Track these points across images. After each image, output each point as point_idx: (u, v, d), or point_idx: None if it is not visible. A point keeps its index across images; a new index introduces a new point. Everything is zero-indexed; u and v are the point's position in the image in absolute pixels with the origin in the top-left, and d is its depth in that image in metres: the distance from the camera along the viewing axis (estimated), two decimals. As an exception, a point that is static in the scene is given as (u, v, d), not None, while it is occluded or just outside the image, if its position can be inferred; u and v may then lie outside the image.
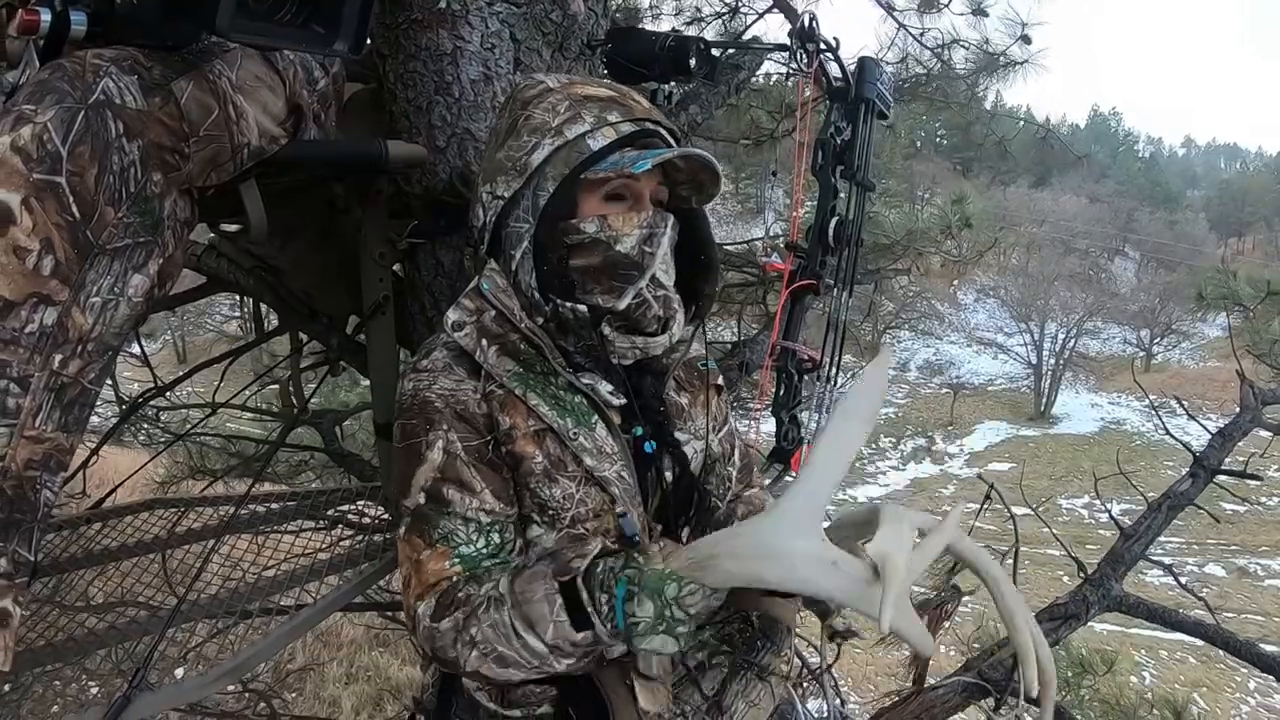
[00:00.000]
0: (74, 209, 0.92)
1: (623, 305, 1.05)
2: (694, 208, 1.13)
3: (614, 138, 1.03)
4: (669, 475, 1.14)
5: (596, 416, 1.08)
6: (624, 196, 1.05)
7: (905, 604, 0.79)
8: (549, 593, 0.93)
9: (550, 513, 1.05)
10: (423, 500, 1.01)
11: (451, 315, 1.07)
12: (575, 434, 1.06)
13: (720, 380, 1.28)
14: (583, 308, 1.04)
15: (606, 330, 1.06)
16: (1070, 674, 2.93)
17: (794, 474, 1.45)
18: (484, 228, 1.08)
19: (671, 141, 1.09)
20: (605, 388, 1.07)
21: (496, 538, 1.02)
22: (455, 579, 1.00)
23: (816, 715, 1.43)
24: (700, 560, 0.89)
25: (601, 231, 1.02)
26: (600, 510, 1.07)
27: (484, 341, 1.05)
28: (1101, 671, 2.94)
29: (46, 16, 0.94)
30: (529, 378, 1.06)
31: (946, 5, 3.69)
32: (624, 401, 1.09)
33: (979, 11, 3.75)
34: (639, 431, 1.12)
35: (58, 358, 0.95)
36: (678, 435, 1.17)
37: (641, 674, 1.03)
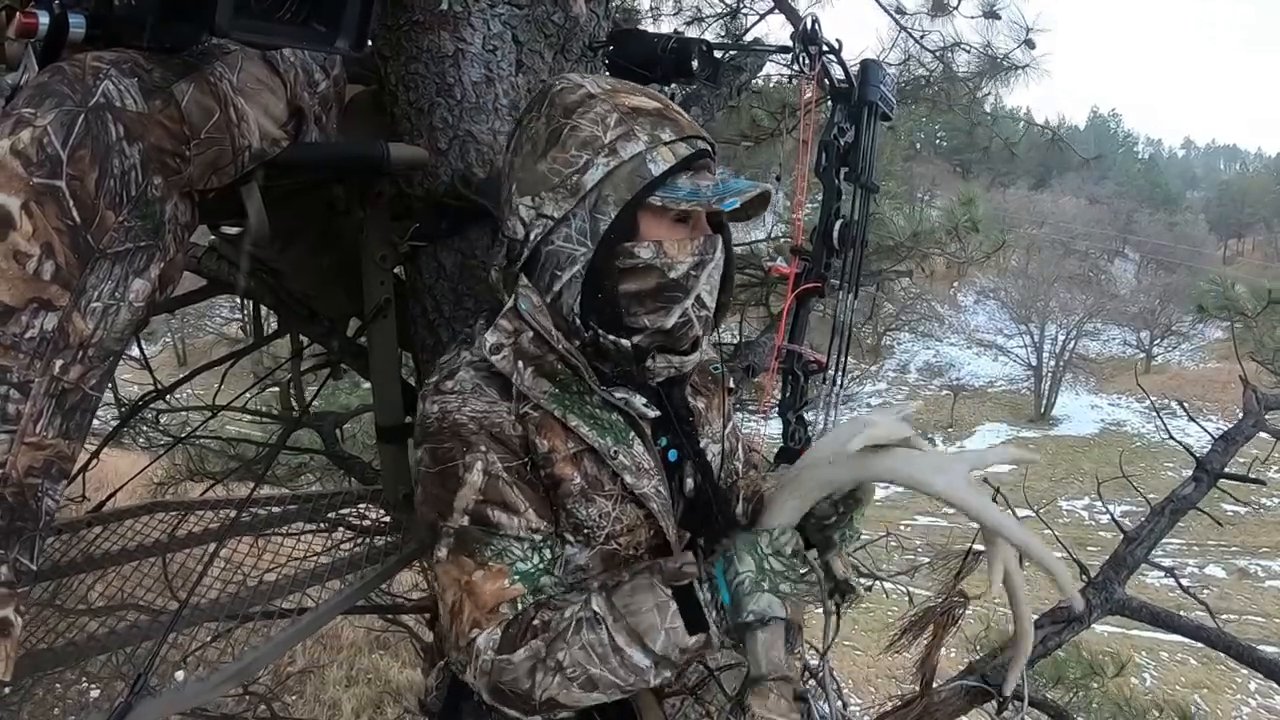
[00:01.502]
0: (74, 213, 0.91)
1: (670, 324, 1.04)
2: (721, 221, 1.12)
3: (673, 161, 1.00)
4: (690, 482, 1.14)
5: (634, 433, 1.07)
6: (687, 220, 1.04)
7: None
8: (660, 601, 0.92)
9: (586, 531, 1.04)
10: (466, 522, 0.99)
11: (490, 338, 1.03)
12: (615, 452, 1.04)
13: (731, 383, 1.28)
14: (626, 343, 1.02)
15: (649, 363, 1.05)
16: (1078, 675, 2.92)
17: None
18: (524, 243, 1.03)
19: (712, 154, 1.08)
20: (640, 401, 1.06)
21: (548, 554, 1.01)
22: (517, 600, 0.97)
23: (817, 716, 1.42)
24: (766, 510, 0.95)
25: (657, 258, 1.01)
26: (634, 525, 1.07)
27: (520, 363, 1.03)
28: (1111, 673, 2.93)
29: (45, 19, 0.93)
30: (565, 398, 1.04)
31: (955, 8, 3.68)
32: (658, 414, 1.09)
33: (991, 14, 3.73)
34: (664, 441, 1.12)
35: (58, 363, 0.94)
36: (702, 443, 1.17)
37: (757, 679, 0.97)
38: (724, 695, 1.11)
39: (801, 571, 0.93)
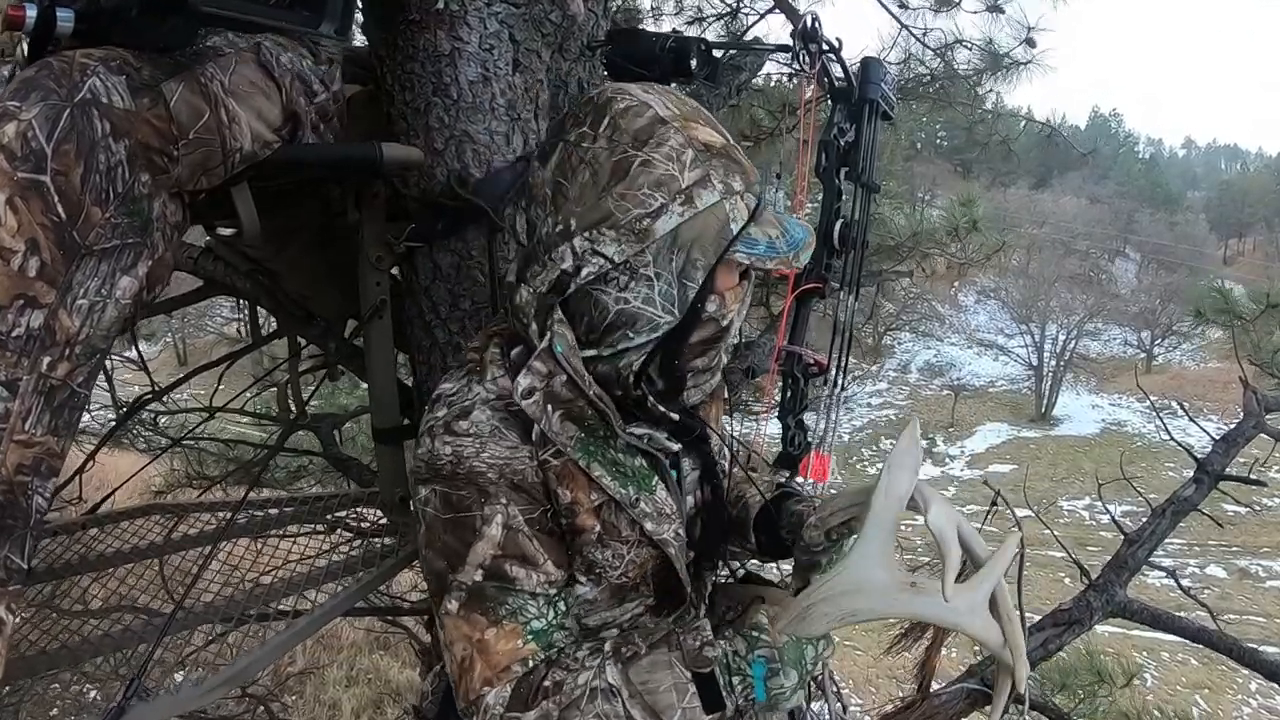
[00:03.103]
0: (59, 209, 0.91)
1: (715, 362, 1.04)
2: None
3: (746, 217, 0.95)
4: (690, 500, 1.13)
5: (656, 477, 1.06)
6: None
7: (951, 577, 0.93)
8: (679, 683, 0.93)
9: (598, 571, 1.03)
10: (480, 577, 0.95)
11: (523, 381, 0.96)
12: (637, 500, 1.02)
13: (726, 393, 1.27)
14: (675, 416, 1.02)
15: (686, 396, 1.05)
16: (1086, 682, 2.91)
17: (801, 478, 1.44)
18: (572, 276, 0.94)
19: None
20: (662, 435, 1.04)
21: (562, 606, 1.00)
22: (529, 659, 0.96)
23: (817, 716, 1.42)
24: (800, 614, 0.96)
25: (719, 311, 0.98)
26: (644, 564, 1.06)
27: (549, 407, 0.98)
28: (1120, 683, 2.93)
29: (32, 12, 0.92)
30: (590, 443, 1.00)
31: (959, 4, 3.67)
32: (680, 446, 1.08)
33: (994, 9, 3.71)
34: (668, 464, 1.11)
35: (46, 360, 0.94)
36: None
37: None
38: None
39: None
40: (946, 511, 0.97)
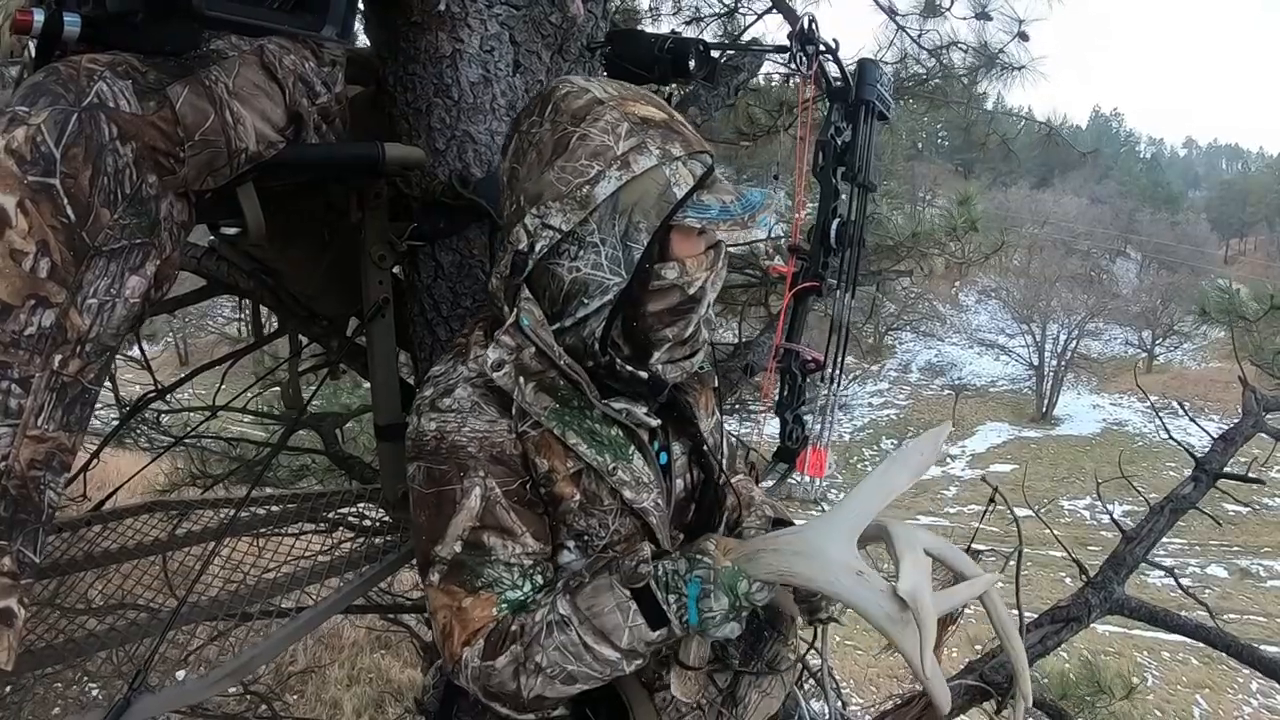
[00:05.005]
0: (69, 211, 0.93)
1: (688, 333, 1.05)
2: None
3: (692, 182, 0.99)
4: (680, 483, 1.15)
5: (633, 446, 1.07)
6: (704, 233, 1.04)
7: (929, 652, 0.89)
8: (621, 602, 0.95)
9: (585, 539, 1.06)
10: (459, 549, 0.99)
11: (492, 355, 1.01)
12: (614, 468, 1.05)
13: (716, 383, 1.29)
14: (644, 374, 1.03)
15: (662, 371, 1.05)
16: (1085, 693, 2.92)
17: (799, 474, 1.45)
18: (528, 254, 0.99)
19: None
20: (641, 410, 1.05)
21: (539, 579, 1.02)
22: (502, 621, 0.99)
23: (816, 716, 1.43)
24: (749, 553, 0.97)
25: (681, 277, 1.00)
26: (631, 534, 1.08)
27: (522, 379, 1.01)
28: (1119, 695, 2.93)
29: (39, 17, 0.94)
30: (565, 413, 1.03)
31: (948, 9, 3.69)
32: (659, 422, 1.09)
33: (982, 15, 3.73)
34: (655, 445, 1.12)
35: (57, 358, 0.96)
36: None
37: (681, 664, 1.05)
38: (714, 687, 1.12)
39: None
40: (920, 573, 0.92)
